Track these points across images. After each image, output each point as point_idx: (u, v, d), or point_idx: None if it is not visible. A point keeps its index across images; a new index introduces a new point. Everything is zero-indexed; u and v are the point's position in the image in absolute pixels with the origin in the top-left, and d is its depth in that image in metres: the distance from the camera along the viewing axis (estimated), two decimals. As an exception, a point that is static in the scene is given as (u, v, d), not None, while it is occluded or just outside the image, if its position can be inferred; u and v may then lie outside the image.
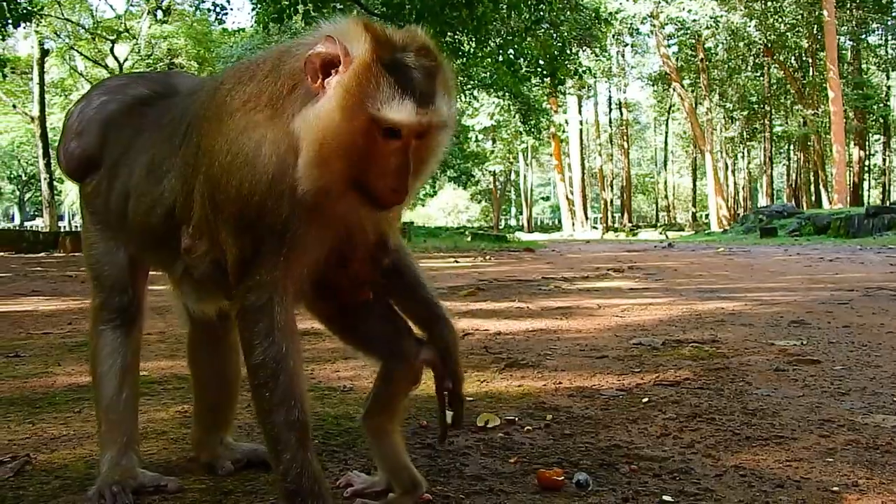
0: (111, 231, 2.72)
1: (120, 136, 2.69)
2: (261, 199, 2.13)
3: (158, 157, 2.50)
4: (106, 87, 2.87)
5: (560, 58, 28.36)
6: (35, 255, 23.72)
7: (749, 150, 72.47)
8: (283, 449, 2.21)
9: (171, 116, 2.57)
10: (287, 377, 2.20)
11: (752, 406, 3.76)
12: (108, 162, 2.70)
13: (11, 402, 4.06)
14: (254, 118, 2.18)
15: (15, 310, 8.75)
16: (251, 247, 2.18)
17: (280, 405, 2.20)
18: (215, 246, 2.33)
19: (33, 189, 76.43)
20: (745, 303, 8.42)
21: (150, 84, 2.83)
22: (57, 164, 2.90)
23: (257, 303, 2.19)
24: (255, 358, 2.20)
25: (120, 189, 2.63)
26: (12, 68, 34.25)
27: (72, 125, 2.77)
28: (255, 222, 2.16)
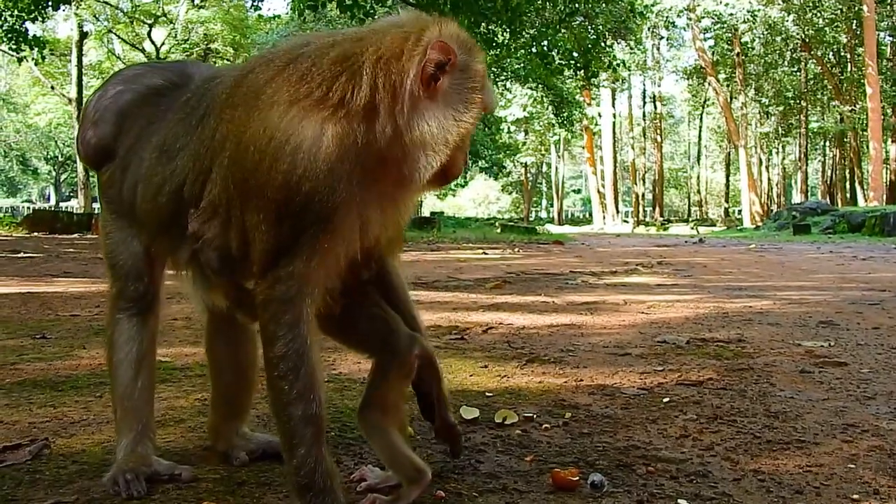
0: (126, 220, 2.73)
1: (133, 125, 2.69)
2: (314, 187, 2.12)
3: (171, 139, 2.49)
4: (122, 77, 2.87)
5: (594, 50, 28.22)
6: (69, 236, 23.98)
7: (784, 145, 71.71)
8: (298, 443, 2.21)
9: (186, 100, 2.56)
10: (308, 371, 2.20)
11: (775, 408, 3.71)
12: (121, 152, 2.70)
13: (35, 384, 4.10)
14: (313, 110, 2.17)
15: (45, 291, 8.84)
16: (290, 235, 2.16)
17: (298, 399, 2.19)
18: (227, 231, 2.33)
19: (69, 170, 77.25)
20: (773, 301, 8.33)
21: (166, 74, 2.82)
22: (76, 152, 2.90)
23: (287, 294, 2.18)
24: (277, 349, 2.20)
25: (131, 178, 2.64)
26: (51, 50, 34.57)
27: (89, 114, 2.78)
28: (301, 211, 2.14)
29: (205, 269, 2.48)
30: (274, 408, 2.28)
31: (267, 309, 2.21)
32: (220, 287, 2.56)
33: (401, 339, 2.54)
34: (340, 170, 2.14)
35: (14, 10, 24.83)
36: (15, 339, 5.46)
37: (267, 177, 2.16)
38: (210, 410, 3.06)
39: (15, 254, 15.11)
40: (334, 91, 2.16)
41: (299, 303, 2.20)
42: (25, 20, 25.57)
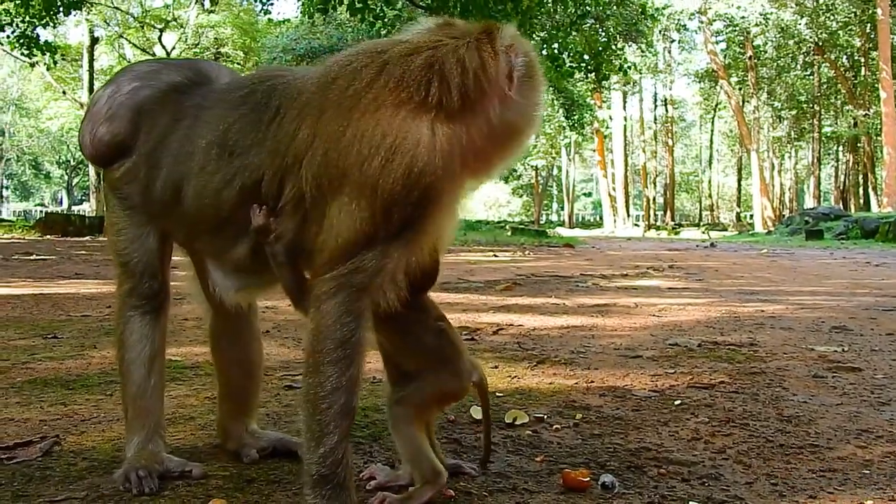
0: (144, 217, 2.72)
1: (156, 122, 2.68)
2: (431, 182, 2.21)
3: (233, 138, 2.48)
4: (136, 73, 2.85)
5: (605, 53, 28.20)
6: (81, 239, 24.05)
7: (797, 150, 71.48)
8: (330, 432, 2.21)
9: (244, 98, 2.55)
10: (360, 362, 2.25)
11: (788, 413, 3.69)
12: (142, 149, 2.68)
13: (46, 382, 4.11)
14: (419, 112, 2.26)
15: (57, 292, 8.87)
16: (391, 227, 2.21)
17: (342, 389, 2.21)
18: (307, 225, 2.37)
19: (81, 174, 77.51)
20: (785, 306, 8.29)
21: (183, 71, 2.81)
22: (80, 150, 2.88)
23: (362, 283, 2.22)
24: (339, 336, 2.21)
25: (167, 176, 2.61)
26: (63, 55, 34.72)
27: (100, 110, 2.75)
28: (414, 203, 2.21)
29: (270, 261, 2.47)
30: (312, 394, 2.23)
31: (337, 295, 2.22)
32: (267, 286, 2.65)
33: (465, 364, 2.58)
34: (452, 166, 2.25)
35: (26, 15, 24.93)
36: (27, 339, 5.48)
37: (380, 173, 2.20)
38: (218, 408, 3.06)
39: (28, 256, 15.16)
40: (432, 96, 2.26)
41: (372, 293, 2.25)
42: (37, 26, 25.70)
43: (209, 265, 2.71)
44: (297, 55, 39.04)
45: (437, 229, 2.34)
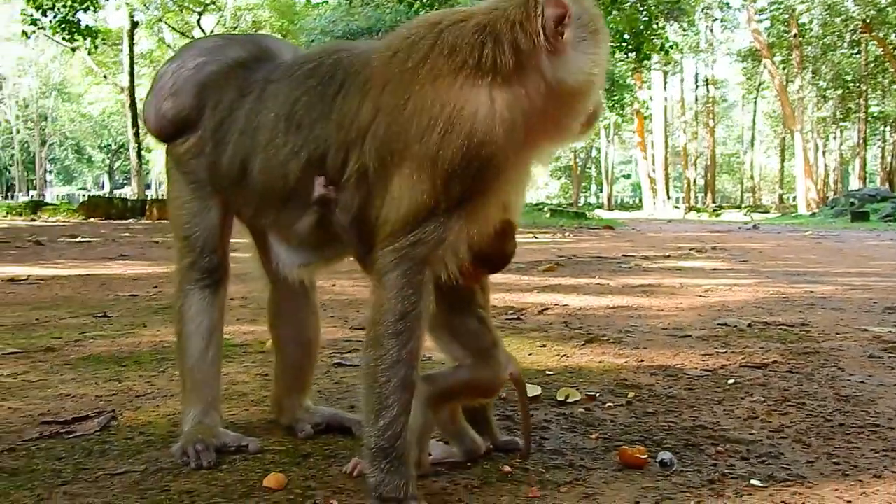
0: (208, 191, 2.73)
1: (221, 98, 2.68)
2: (492, 151, 2.19)
3: (299, 112, 2.48)
4: (200, 49, 2.85)
5: (646, 32, 27.85)
6: (123, 222, 24.36)
7: (842, 130, 70.25)
8: (389, 405, 2.20)
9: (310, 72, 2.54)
10: (420, 335, 2.24)
11: (845, 392, 3.62)
12: (208, 124, 2.68)
13: (100, 359, 4.16)
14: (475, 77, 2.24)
15: (104, 272, 8.98)
16: (451, 198, 2.20)
17: (402, 362, 2.20)
18: (371, 198, 2.35)
19: (122, 158, 78.38)
20: (835, 287, 8.17)
21: (246, 47, 2.81)
22: (144, 125, 2.89)
23: (427, 256, 2.21)
24: (400, 308, 2.20)
25: (234, 151, 2.62)
26: (103, 40, 35.01)
27: (164, 85, 2.76)
28: (468, 177, 2.19)
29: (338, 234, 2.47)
30: (373, 367, 2.23)
31: (398, 267, 2.22)
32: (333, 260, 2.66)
33: (501, 355, 2.55)
34: (514, 133, 2.22)
35: (67, 0, 25.17)
36: (78, 318, 5.55)
37: (439, 144, 2.19)
38: (273, 384, 3.07)
39: (73, 238, 15.37)
40: (485, 58, 2.23)
41: (433, 265, 2.23)
42: (78, 10, 25.92)
43: (273, 241, 2.71)
44: (334, 37, 38.99)
45: (501, 200, 2.32)
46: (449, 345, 2.55)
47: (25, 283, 7.89)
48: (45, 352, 4.34)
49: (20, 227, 19.95)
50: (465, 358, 2.51)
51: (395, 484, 2.18)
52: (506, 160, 2.21)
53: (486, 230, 2.32)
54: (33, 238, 14.94)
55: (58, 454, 2.64)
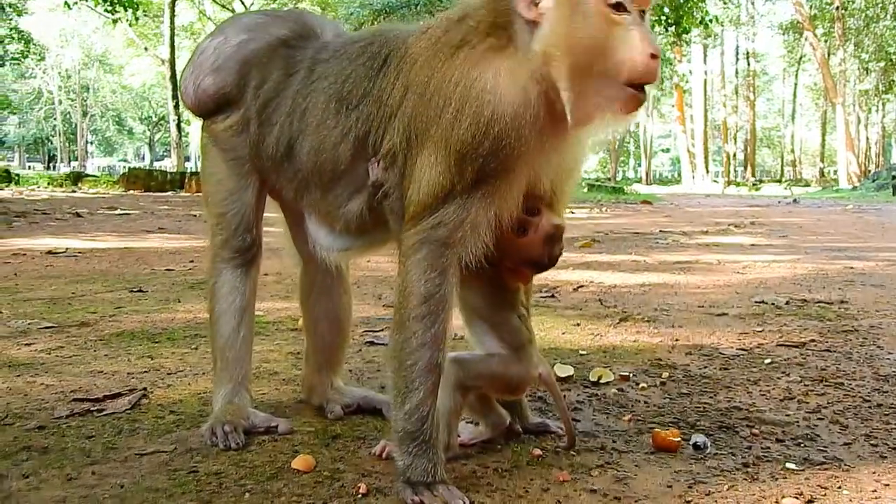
0: (247, 169, 2.71)
1: (266, 77, 2.66)
2: (501, 130, 2.14)
3: (348, 90, 2.47)
4: (244, 25, 2.81)
5: (686, 6, 27.49)
6: (163, 194, 24.55)
7: (884, 103, 69.03)
8: (416, 388, 2.20)
9: (362, 49, 2.53)
10: (445, 318, 2.21)
11: (885, 371, 3.56)
12: (252, 102, 2.66)
13: (133, 335, 4.18)
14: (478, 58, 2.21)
15: (142, 246, 9.06)
16: (465, 179, 2.16)
17: (428, 345, 2.19)
18: (404, 179, 2.33)
19: (162, 130, 78.95)
20: (875, 263, 8.03)
21: (289, 24, 2.78)
22: (181, 98, 2.87)
23: (449, 238, 2.19)
24: (424, 290, 2.19)
25: (280, 131, 2.60)
26: (144, 12, 35.19)
27: (205, 60, 2.73)
28: (480, 153, 2.15)
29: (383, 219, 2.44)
30: (399, 350, 2.23)
31: (421, 250, 2.20)
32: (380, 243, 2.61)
33: (534, 354, 2.52)
34: (526, 111, 2.15)
35: (109, -27, 25.32)
36: (113, 292, 5.59)
37: (452, 124, 2.17)
38: (304, 364, 3.06)
39: (112, 210, 15.52)
40: (485, 37, 2.22)
41: (459, 248, 2.20)
42: (120, -18, 26.04)
43: (312, 223, 2.70)
44: (373, 10, 38.88)
45: (521, 183, 2.25)
46: (483, 337, 2.52)
47: (63, 255, 7.97)
48: (80, 327, 4.37)
49: (60, 198, 20.16)
50: (499, 350, 2.48)
51: (424, 467, 2.17)
52: (519, 140, 2.14)
53: (509, 212, 2.26)
54: (73, 210, 15.11)
55: (88, 432, 2.65)
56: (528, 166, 2.23)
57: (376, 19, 38.85)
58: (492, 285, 2.50)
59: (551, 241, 2.46)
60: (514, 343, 2.49)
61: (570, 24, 2.12)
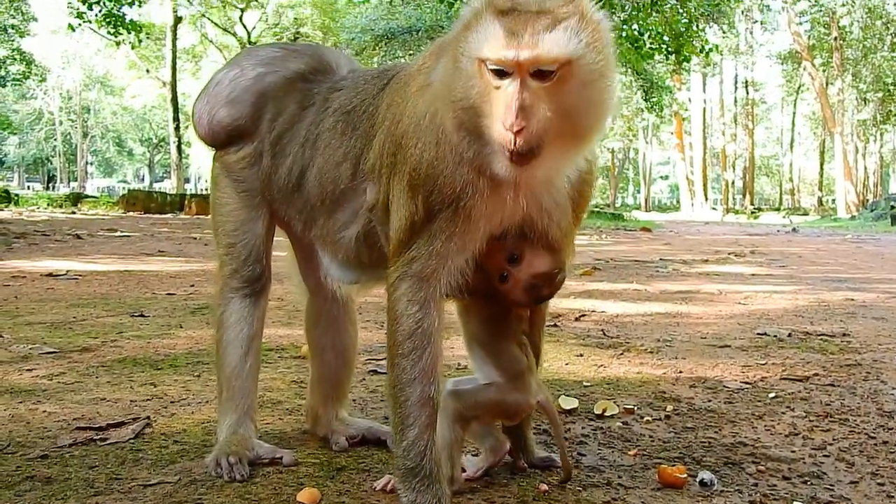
0: (258, 200, 2.72)
1: (281, 110, 2.67)
2: (431, 162, 2.13)
3: (353, 109, 2.51)
4: (260, 58, 2.82)
5: (686, 34, 27.60)
6: (162, 216, 24.58)
7: (882, 133, 69.27)
8: (411, 424, 2.19)
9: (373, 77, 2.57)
10: (432, 352, 2.21)
11: (889, 408, 3.55)
12: (266, 135, 2.68)
13: (135, 361, 4.17)
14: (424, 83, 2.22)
15: (142, 269, 9.04)
16: (423, 211, 2.16)
17: (418, 379, 2.19)
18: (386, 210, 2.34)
19: (162, 152, 79.13)
20: (876, 294, 8.03)
21: (306, 59, 2.79)
22: (193, 128, 2.87)
23: (423, 272, 2.19)
24: (405, 327, 2.20)
25: (293, 161, 2.62)
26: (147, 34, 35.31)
27: (220, 92, 2.74)
28: (426, 184, 2.14)
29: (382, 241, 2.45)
30: (392, 387, 2.25)
31: (400, 286, 2.21)
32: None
33: (533, 381, 2.51)
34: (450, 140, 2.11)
35: (113, -6, 25.42)
36: (114, 317, 5.57)
37: (406, 150, 2.20)
38: (309, 394, 3.04)
39: (112, 232, 15.51)
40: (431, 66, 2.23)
41: (435, 282, 2.19)
42: (123, 5, 26.15)
43: (324, 255, 2.70)
44: (375, 35, 39.05)
45: (481, 218, 2.15)
46: (482, 364, 2.51)
47: (64, 277, 7.96)
48: (82, 352, 4.36)
49: (60, 219, 20.17)
50: (497, 378, 2.47)
51: (428, 503, 2.15)
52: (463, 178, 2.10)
53: (474, 249, 2.22)
54: (73, 231, 15.11)
55: (91, 462, 2.64)
56: (486, 205, 2.15)
57: (378, 45, 39.03)
58: (491, 314, 2.49)
59: (533, 288, 2.43)
60: (512, 371, 2.47)
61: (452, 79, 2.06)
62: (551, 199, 2.30)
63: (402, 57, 33.71)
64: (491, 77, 1.97)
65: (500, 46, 1.95)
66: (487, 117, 1.99)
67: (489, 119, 1.99)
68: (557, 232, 2.36)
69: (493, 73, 1.97)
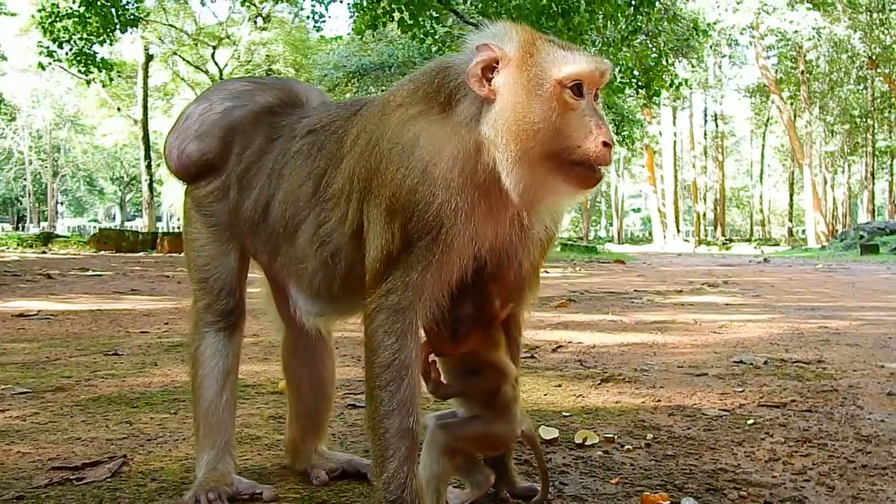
0: (228, 234, 2.71)
1: (249, 144, 2.67)
2: (413, 188, 2.13)
3: (321, 129, 2.51)
4: (229, 92, 2.82)
5: (656, 69, 27.94)
6: (134, 254, 24.41)
7: (850, 164, 70.33)
8: (390, 457, 2.18)
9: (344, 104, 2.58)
10: (410, 383, 2.20)
11: (866, 432, 3.57)
12: (234, 168, 2.68)
13: (110, 400, 4.11)
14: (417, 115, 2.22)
15: (115, 308, 8.96)
16: (400, 239, 2.16)
17: (396, 411, 2.18)
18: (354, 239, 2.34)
19: (134, 190, 78.81)
20: (849, 322, 8.10)
21: (275, 92, 2.80)
22: (165, 162, 2.87)
23: (399, 304, 2.18)
24: (382, 359, 2.19)
25: (259, 194, 2.61)
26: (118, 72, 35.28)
27: (190, 126, 2.74)
28: (407, 210, 2.14)
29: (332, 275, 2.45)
30: (370, 419, 2.23)
31: (376, 318, 2.20)
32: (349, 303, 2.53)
33: (517, 411, 2.51)
34: (454, 178, 2.13)
35: (83, 33, 25.36)
36: (88, 356, 5.51)
37: (383, 178, 2.19)
38: (287, 428, 3.01)
39: (84, 271, 15.38)
40: (429, 100, 2.22)
41: (411, 313, 2.18)
42: (94, 43, 26.11)
43: (290, 287, 2.69)
44: (347, 72, 39.33)
45: (462, 248, 2.17)
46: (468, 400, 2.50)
47: (36, 317, 7.87)
48: (55, 391, 4.30)
49: (31, 259, 20.00)
50: (482, 411, 2.47)
51: None
52: (449, 205, 2.12)
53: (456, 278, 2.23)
54: (44, 271, 14.96)
55: (68, 502, 2.59)
56: (472, 230, 2.17)
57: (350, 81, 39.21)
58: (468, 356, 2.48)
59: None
60: (495, 404, 2.46)
61: (526, 106, 2.10)
62: (536, 232, 2.33)
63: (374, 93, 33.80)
64: (569, 96, 2.10)
65: (582, 62, 2.13)
66: (566, 138, 2.09)
67: (569, 139, 2.09)
68: (528, 266, 2.39)
69: (572, 90, 2.10)
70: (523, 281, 2.43)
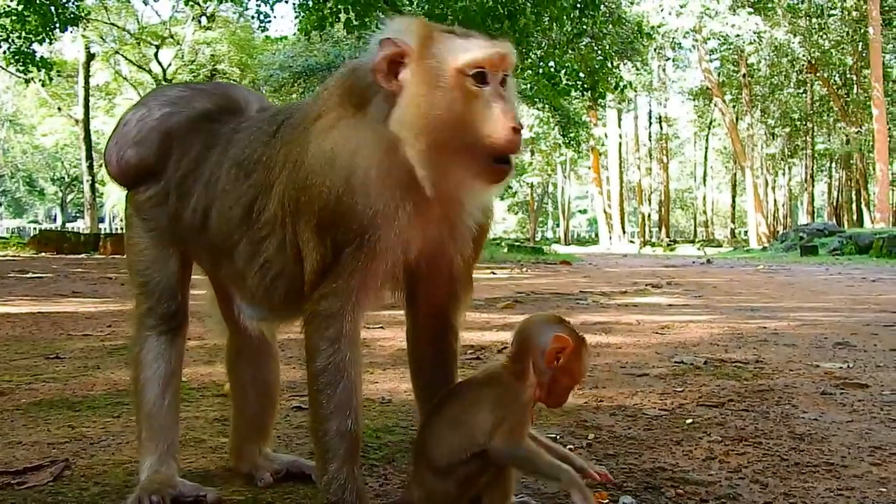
0: (168, 240, 2.71)
1: (187, 149, 2.67)
2: (339, 198, 2.14)
3: (248, 158, 2.49)
4: (167, 98, 2.82)
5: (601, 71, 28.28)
6: (76, 256, 24.02)
7: (790, 167, 71.73)
8: (331, 458, 2.21)
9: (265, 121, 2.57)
10: (347, 385, 2.22)
11: (800, 430, 3.66)
12: (172, 175, 2.67)
13: (52, 404, 4.07)
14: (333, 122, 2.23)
15: (56, 310, 8.82)
16: (332, 251, 2.18)
17: (335, 413, 2.21)
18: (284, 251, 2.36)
19: (75, 190, 77.43)
20: (787, 322, 8.28)
21: (213, 98, 2.80)
22: (105, 168, 2.86)
23: (329, 310, 2.20)
24: (318, 363, 2.22)
25: (197, 202, 2.61)
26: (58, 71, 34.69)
27: (128, 132, 2.73)
28: (336, 222, 2.16)
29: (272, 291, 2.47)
30: (312, 422, 2.28)
31: (311, 323, 2.23)
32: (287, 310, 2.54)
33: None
34: (371, 180, 2.15)
35: (22, 31, 24.94)
36: (28, 359, 5.44)
37: (310, 191, 2.21)
38: (232, 431, 3.02)
39: (24, 274, 15.12)
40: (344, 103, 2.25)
41: (340, 319, 2.21)
42: (33, 42, 25.67)
43: (234, 293, 2.71)
44: (293, 73, 39.07)
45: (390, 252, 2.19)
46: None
47: (-26, 321, 7.72)
48: (-5, 396, 4.24)
49: (-31, 262, 19.59)
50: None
51: None
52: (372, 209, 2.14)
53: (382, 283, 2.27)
54: (-18, 274, 14.68)
55: (9, 507, 2.57)
56: (393, 236, 2.18)
57: (296, 82, 38.98)
58: None
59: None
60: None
61: (428, 98, 2.10)
62: (465, 226, 2.35)
63: (321, 94, 33.69)
64: (472, 84, 2.08)
65: (479, 48, 2.11)
66: (472, 128, 2.08)
67: (475, 129, 2.07)
68: (460, 263, 2.40)
69: (474, 78, 2.08)
70: (457, 279, 2.44)
